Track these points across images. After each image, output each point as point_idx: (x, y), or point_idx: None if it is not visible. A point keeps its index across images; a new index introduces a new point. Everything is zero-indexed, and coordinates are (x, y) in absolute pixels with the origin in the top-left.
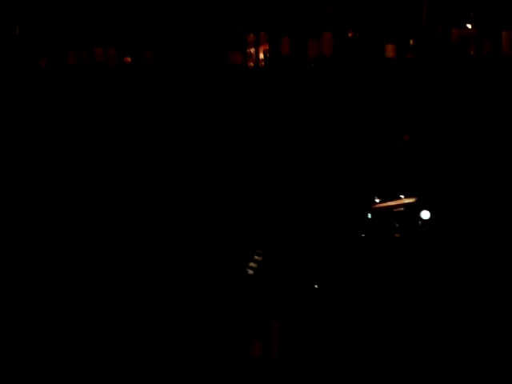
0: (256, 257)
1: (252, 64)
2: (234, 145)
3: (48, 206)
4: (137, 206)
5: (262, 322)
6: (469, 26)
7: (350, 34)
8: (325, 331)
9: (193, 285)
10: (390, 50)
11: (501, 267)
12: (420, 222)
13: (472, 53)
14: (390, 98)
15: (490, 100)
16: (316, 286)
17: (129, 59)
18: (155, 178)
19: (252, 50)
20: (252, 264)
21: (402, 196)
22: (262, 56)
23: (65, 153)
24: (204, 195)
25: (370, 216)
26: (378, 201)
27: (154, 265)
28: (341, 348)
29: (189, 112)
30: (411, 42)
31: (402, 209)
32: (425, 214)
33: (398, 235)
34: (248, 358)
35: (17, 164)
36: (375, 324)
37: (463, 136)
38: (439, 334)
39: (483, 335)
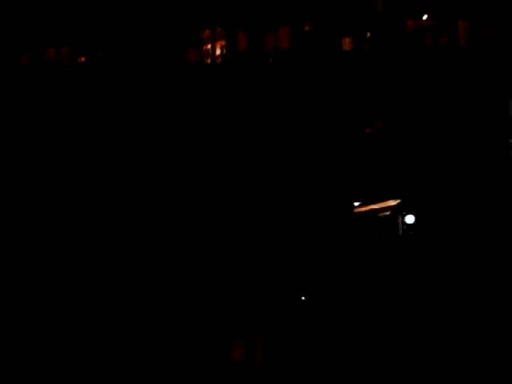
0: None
1: (209, 61)
2: (192, 143)
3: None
4: (114, 208)
5: (246, 327)
6: (425, 16)
7: (306, 28)
8: (310, 336)
9: (181, 286)
10: (347, 43)
11: (487, 268)
12: (404, 226)
13: (429, 44)
14: (349, 90)
15: (447, 91)
16: (301, 294)
17: (83, 59)
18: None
19: (208, 47)
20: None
21: (385, 199)
22: (218, 52)
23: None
24: (155, 193)
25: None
26: (358, 204)
27: (145, 264)
28: (326, 352)
29: (145, 111)
30: (368, 34)
31: (387, 212)
32: (409, 218)
33: (381, 239)
34: (228, 362)
35: None
36: (361, 328)
37: (422, 129)
38: (426, 336)
39: (469, 336)
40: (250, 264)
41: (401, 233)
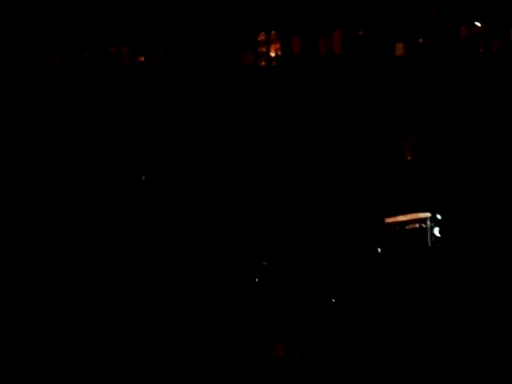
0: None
1: (263, 63)
2: (246, 144)
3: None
4: (151, 208)
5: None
6: (478, 23)
7: (359, 33)
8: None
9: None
10: (399, 48)
11: None
12: (433, 238)
13: (481, 51)
14: (400, 96)
15: (499, 99)
16: (332, 300)
17: (142, 58)
18: (166, 179)
19: (263, 49)
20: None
21: (415, 211)
22: (273, 55)
23: (77, 152)
24: (214, 197)
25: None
26: (388, 215)
27: (164, 269)
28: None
29: (201, 111)
30: (420, 40)
31: (416, 225)
32: (438, 231)
33: (410, 252)
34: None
35: (26, 164)
36: (388, 339)
37: (472, 139)
38: (451, 351)
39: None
40: (284, 271)
41: (429, 245)
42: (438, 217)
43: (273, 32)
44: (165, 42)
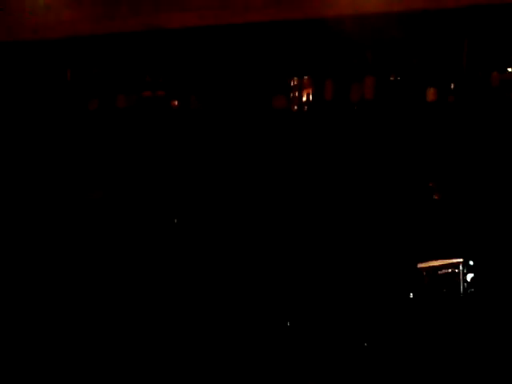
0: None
1: (296, 107)
2: (279, 190)
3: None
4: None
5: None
6: (510, 69)
7: (391, 78)
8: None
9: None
10: (431, 94)
11: None
12: (465, 284)
13: None
14: (431, 140)
15: None
16: (365, 344)
17: (175, 103)
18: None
19: (296, 94)
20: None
21: (447, 256)
22: (305, 99)
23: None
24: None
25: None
26: (420, 260)
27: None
28: None
29: (233, 154)
30: (452, 85)
31: (449, 270)
32: (470, 276)
33: (442, 297)
34: None
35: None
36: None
37: (506, 184)
38: None
39: None
40: (317, 315)
41: (462, 291)
42: (471, 262)
43: (305, 77)
44: (198, 86)
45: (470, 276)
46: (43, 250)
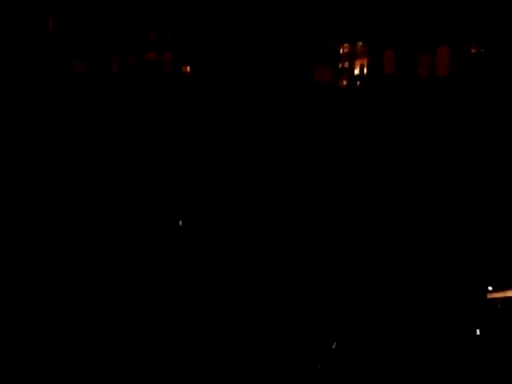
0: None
1: (344, 82)
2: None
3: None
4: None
5: None
6: None
7: (473, 50)
8: None
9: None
10: None
11: None
12: None
13: None
14: None
15: None
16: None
17: (187, 69)
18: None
19: (345, 65)
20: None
21: None
22: (357, 73)
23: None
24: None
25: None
26: (491, 289)
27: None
28: None
29: (261, 140)
30: None
31: None
32: None
33: None
34: None
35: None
36: None
37: None
38: None
39: None
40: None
41: None
42: None
43: (359, 44)
44: (217, 49)
45: None
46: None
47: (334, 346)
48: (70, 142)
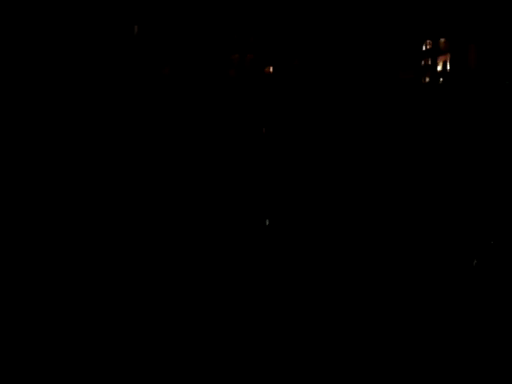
0: None
1: (427, 79)
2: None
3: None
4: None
5: None
6: None
7: None
8: None
9: None
10: None
11: None
12: None
13: None
14: None
15: None
16: None
17: (270, 69)
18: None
19: (428, 62)
20: None
21: None
22: (440, 69)
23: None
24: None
25: None
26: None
27: None
28: None
29: (342, 140)
30: None
31: None
32: None
33: None
34: None
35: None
36: None
37: None
38: None
39: None
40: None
41: None
42: None
43: (442, 40)
44: (300, 48)
45: None
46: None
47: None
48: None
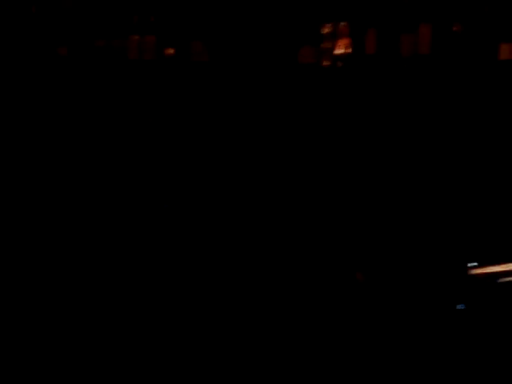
0: None
1: (327, 63)
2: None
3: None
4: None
5: None
6: None
7: (454, 28)
8: None
9: None
10: (505, 51)
11: None
12: None
13: None
14: (504, 111)
15: None
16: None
17: (171, 51)
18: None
19: (328, 45)
20: None
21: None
22: (339, 53)
23: (80, 152)
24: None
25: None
26: (475, 265)
27: None
28: None
29: (245, 122)
30: None
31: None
32: None
33: (502, 309)
34: None
35: (25, 163)
36: None
37: None
38: None
39: None
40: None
41: None
42: None
43: (342, 24)
44: (204, 30)
45: None
46: None
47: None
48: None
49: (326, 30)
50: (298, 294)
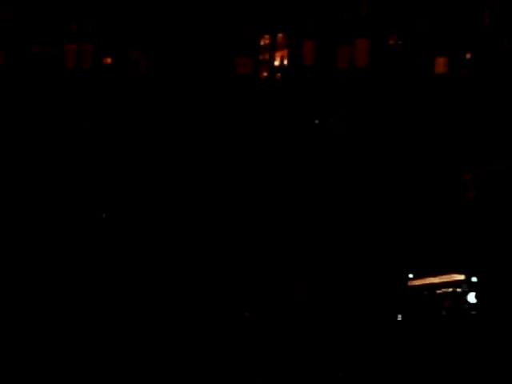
0: None
1: (265, 74)
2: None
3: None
4: None
5: None
6: None
7: (391, 41)
8: None
9: None
10: (440, 65)
11: None
12: (467, 306)
13: None
14: (439, 124)
15: None
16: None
17: (108, 60)
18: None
19: (266, 57)
20: None
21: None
22: (277, 64)
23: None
24: None
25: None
26: (413, 276)
27: None
28: None
29: (183, 132)
30: (468, 55)
31: (449, 289)
32: (471, 296)
33: (440, 321)
34: None
35: None
36: None
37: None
38: None
39: None
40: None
41: (463, 314)
42: (474, 279)
43: (280, 35)
44: (142, 39)
45: (472, 296)
46: None
47: None
48: None
49: (264, 42)
50: (238, 306)
